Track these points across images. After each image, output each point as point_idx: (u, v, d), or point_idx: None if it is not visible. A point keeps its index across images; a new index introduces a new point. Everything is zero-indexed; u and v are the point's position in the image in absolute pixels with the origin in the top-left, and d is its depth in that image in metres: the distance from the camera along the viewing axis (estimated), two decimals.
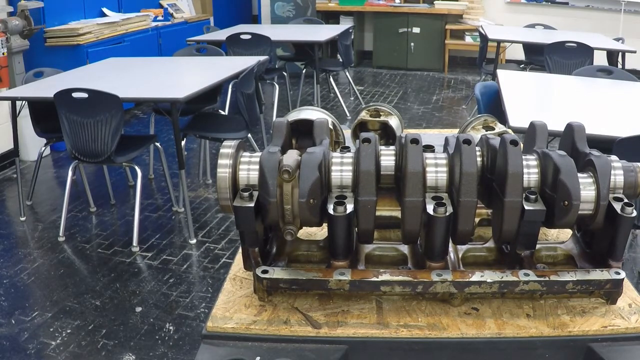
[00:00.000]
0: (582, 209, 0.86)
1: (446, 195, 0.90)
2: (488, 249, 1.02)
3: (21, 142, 4.13)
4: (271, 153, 0.88)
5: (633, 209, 0.87)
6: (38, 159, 4.04)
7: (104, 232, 3.74)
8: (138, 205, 3.53)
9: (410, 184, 0.86)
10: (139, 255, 3.44)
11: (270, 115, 5.89)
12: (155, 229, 3.76)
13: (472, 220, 0.88)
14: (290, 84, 6.40)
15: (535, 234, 0.90)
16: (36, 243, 3.63)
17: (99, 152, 3.32)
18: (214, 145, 4.52)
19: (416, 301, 0.94)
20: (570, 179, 0.84)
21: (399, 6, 8.18)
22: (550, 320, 0.90)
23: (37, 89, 3.71)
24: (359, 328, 0.89)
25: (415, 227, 0.89)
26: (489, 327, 0.89)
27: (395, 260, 1.01)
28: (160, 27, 6.76)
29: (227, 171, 0.90)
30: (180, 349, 2.59)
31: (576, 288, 0.89)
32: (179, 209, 3.98)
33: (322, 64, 6.31)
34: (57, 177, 4.76)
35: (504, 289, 0.88)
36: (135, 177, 3.62)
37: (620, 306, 0.93)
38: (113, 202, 4.16)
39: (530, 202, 0.86)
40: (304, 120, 1.07)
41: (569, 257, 1.00)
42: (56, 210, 4.01)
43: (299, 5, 7.90)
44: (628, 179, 0.91)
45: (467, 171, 0.85)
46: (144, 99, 3.86)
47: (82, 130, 3.28)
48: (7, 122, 4.18)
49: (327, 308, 0.93)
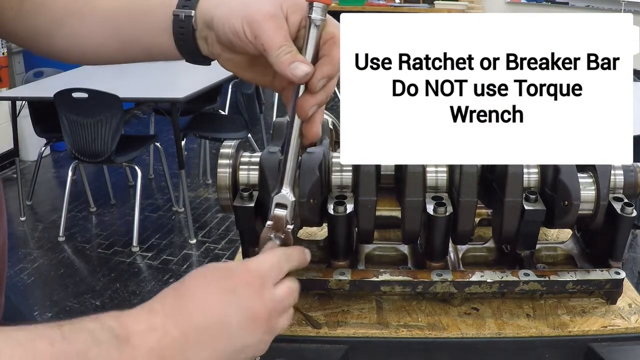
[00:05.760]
0: (582, 209, 0.86)
1: (446, 195, 0.90)
2: (488, 249, 1.02)
3: (21, 142, 4.13)
4: (271, 153, 0.88)
5: (633, 209, 0.87)
6: (38, 159, 4.04)
7: (104, 232, 3.74)
8: (138, 205, 3.53)
9: (410, 184, 0.86)
10: (139, 255, 3.44)
11: (270, 115, 5.89)
12: (155, 229, 3.76)
13: (472, 220, 0.88)
14: None
15: (535, 234, 0.90)
16: (36, 243, 3.63)
17: (99, 152, 3.32)
18: (214, 145, 4.51)
19: (416, 301, 0.94)
20: (570, 179, 0.84)
21: (399, 6, 8.18)
22: (550, 320, 0.90)
23: (37, 89, 3.71)
24: (359, 328, 0.89)
25: (415, 227, 0.89)
26: (489, 327, 0.89)
27: (395, 260, 1.01)
28: None
29: (227, 171, 0.90)
30: None
31: (576, 288, 0.89)
32: (179, 209, 3.98)
33: None
34: (57, 177, 4.76)
35: (504, 289, 0.88)
36: (135, 177, 3.62)
37: (620, 306, 0.93)
38: (113, 202, 4.16)
39: (530, 202, 0.86)
40: None
41: (569, 257, 1.00)
42: (56, 210, 4.01)
43: None
44: (628, 179, 0.91)
45: (467, 171, 0.85)
46: (144, 99, 3.87)
47: (82, 130, 3.28)
48: (7, 122, 4.18)
49: (327, 308, 0.93)
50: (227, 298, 0.61)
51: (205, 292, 0.61)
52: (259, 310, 0.62)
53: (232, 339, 0.60)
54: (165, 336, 0.56)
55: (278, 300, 0.64)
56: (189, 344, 0.58)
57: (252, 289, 0.62)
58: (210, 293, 0.61)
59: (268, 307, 0.63)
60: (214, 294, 0.61)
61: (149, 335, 0.56)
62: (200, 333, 0.58)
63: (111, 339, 0.53)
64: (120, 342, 0.54)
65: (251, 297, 0.62)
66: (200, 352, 0.58)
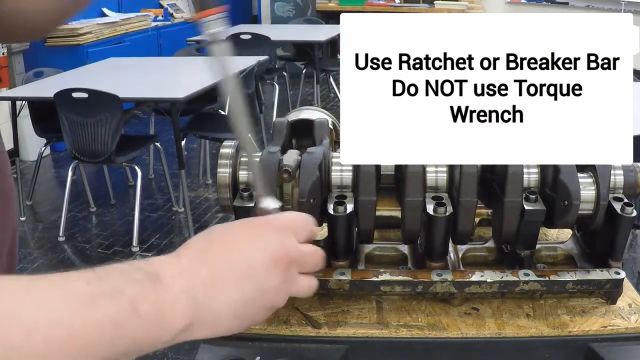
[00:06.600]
0: (582, 209, 0.86)
1: (446, 195, 0.90)
2: (488, 249, 1.02)
3: (21, 142, 4.13)
4: (271, 153, 0.88)
5: (633, 209, 0.87)
6: (38, 159, 4.04)
7: (104, 232, 3.74)
8: (138, 205, 3.53)
9: (410, 184, 0.86)
10: (139, 255, 3.44)
11: (270, 115, 5.89)
12: (155, 229, 3.76)
13: (472, 220, 0.88)
14: (290, 84, 6.40)
15: (535, 234, 0.90)
16: (36, 243, 3.63)
17: (99, 152, 3.32)
18: (214, 145, 4.52)
19: (416, 301, 0.94)
20: (570, 179, 0.84)
21: (399, 6, 8.18)
22: (550, 320, 0.90)
23: (37, 89, 3.72)
24: (359, 328, 0.89)
25: (415, 227, 0.89)
26: (489, 327, 0.89)
27: (395, 260, 1.01)
28: (160, 27, 6.76)
29: (227, 171, 0.90)
30: (180, 349, 2.59)
31: (576, 288, 0.89)
32: (179, 209, 3.98)
33: (322, 64, 6.31)
34: (57, 177, 4.76)
35: (504, 288, 0.88)
36: (135, 177, 3.62)
37: (620, 306, 0.93)
38: (113, 202, 4.16)
39: (530, 202, 0.86)
40: (304, 120, 1.07)
41: (569, 257, 1.00)
42: (56, 210, 4.01)
43: (299, 5, 7.91)
44: (628, 178, 0.91)
45: (467, 171, 0.85)
46: (144, 99, 3.87)
47: (82, 130, 3.28)
48: (7, 122, 4.19)
49: (327, 308, 0.93)
50: (251, 241, 0.63)
51: (229, 236, 0.64)
52: (281, 253, 0.64)
53: (257, 279, 0.62)
54: (195, 276, 0.58)
55: (300, 252, 0.66)
56: (217, 284, 0.59)
57: (275, 234, 0.65)
58: (234, 236, 0.64)
59: (290, 252, 0.65)
60: (238, 237, 0.64)
61: (179, 276, 0.57)
62: (227, 272, 0.60)
63: (144, 278, 0.55)
64: (153, 281, 0.55)
65: (274, 241, 0.64)
66: (229, 292, 0.60)
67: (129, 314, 0.52)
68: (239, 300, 0.61)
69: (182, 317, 0.56)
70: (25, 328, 0.46)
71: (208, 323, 0.59)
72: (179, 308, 0.56)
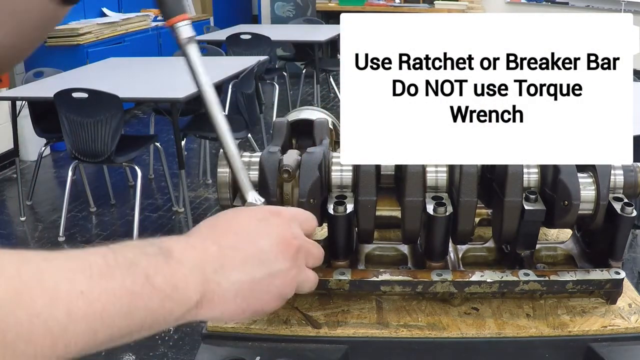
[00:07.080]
0: (582, 209, 0.86)
1: (446, 195, 0.90)
2: (488, 249, 1.02)
3: (21, 142, 4.13)
4: (271, 153, 0.88)
5: (633, 209, 0.87)
6: (38, 159, 4.04)
7: (104, 232, 3.74)
8: (138, 205, 3.53)
9: (410, 184, 0.86)
10: None
11: (270, 115, 5.89)
12: (155, 229, 3.76)
13: (472, 220, 0.88)
14: (290, 84, 6.40)
15: (535, 234, 0.90)
16: (36, 243, 3.63)
17: (99, 152, 3.32)
18: (214, 145, 4.52)
19: (416, 301, 0.94)
20: (570, 179, 0.84)
21: (399, 6, 8.18)
22: (550, 320, 0.90)
23: (37, 89, 3.72)
24: (359, 328, 0.89)
25: (415, 227, 0.89)
26: (489, 327, 0.89)
27: (395, 260, 1.01)
28: (160, 27, 6.76)
29: (227, 171, 0.90)
30: (180, 349, 2.59)
31: (576, 288, 0.89)
32: (179, 209, 3.98)
33: (322, 64, 6.31)
34: (57, 177, 4.76)
35: (504, 288, 0.88)
36: (135, 177, 3.62)
37: (620, 306, 0.93)
38: (113, 202, 4.17)
39: (530, 202, 0.86)
40: (304, 120, 1.07)
41: (569, 257, 1.00)
42: (56, 210, 4.01)
43: (299, 5, 7.91)
44: (628, 178, 0.91)
45: (467, 171, 0.85)
46: (144, 99, 3.87)
47: (82, 130, 3.28)
48: (7, 122, 4.19)
49: (327, 308, 0.93)
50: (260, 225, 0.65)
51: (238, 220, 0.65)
52: (288, 238, 0.65)
53: (265, 262, 0.63)
54: (205, 252, 0.59)
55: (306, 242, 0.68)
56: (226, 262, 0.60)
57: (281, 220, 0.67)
58: (242, 220, 0.65)
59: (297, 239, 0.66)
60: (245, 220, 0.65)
61: (190, 252, 0.58)
62: (235, 252, 0.61)
63: (158, 252, 0.56)
64: (166, 256, 0.56)
65: (281, 226, 0.66)
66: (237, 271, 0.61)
67: (144, 284, 0.52)
68: (246, 280, 0.61)
69: (194, 292, 0.57)
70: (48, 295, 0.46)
71: (216, 300, 0.59)
72: (191, 283, 0.57)
